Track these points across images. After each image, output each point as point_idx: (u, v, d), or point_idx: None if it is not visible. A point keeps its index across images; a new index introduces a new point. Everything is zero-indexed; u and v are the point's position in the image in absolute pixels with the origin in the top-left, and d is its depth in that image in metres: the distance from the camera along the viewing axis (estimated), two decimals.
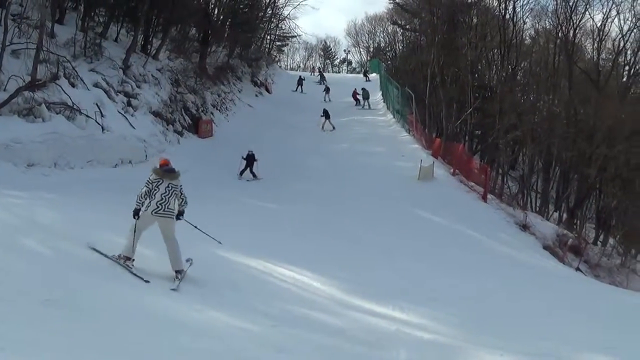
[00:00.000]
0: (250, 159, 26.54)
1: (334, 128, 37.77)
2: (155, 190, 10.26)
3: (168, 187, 10.33)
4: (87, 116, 21.95)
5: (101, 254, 10.48)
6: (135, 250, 10.30)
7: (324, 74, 63.36)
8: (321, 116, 38.38)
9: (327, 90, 49.63)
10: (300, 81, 53.14)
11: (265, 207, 20.43)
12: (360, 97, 47.32)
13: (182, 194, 10.64)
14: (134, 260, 10.31)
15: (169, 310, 8.84)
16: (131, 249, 10.27)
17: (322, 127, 37.84)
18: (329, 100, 47.37)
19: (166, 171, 10.49)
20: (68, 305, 8.10)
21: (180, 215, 10.67)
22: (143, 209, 10.24)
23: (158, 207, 10.19)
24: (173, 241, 10.36)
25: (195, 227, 11.67)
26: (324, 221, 19.81)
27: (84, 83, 23.59)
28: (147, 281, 9.82)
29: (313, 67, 77.72)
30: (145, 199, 10.24)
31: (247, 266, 11.99)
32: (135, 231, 10.20)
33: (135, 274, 9.93)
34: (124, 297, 8.92)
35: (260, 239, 15.08)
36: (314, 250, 15.44)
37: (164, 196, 10.26)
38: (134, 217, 10.22)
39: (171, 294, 9.63)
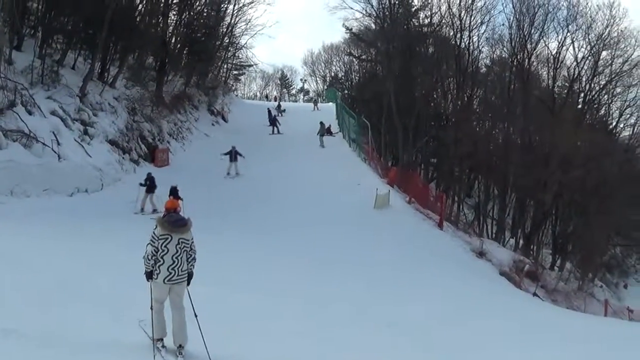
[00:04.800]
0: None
1: None
2: (164, 251, 8.17)
3: (179, 244, 8.26)
4: (43, 144, 21.86)
5: (147, 335, 8.64)
6: (166, 327, 8.49)
7: (281, 102, 62.97)
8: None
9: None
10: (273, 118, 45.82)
11: (218, 236, 20.12)
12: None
13: (192, 249, 8.50)
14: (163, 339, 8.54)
15: None
16: (160, 329, 8.46)
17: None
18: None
19: (175, 224, 8.33)
20: (25, 335, 8.16)
21: (188, 280, 8.54)
22: (154, 276, 8.26)
23: (170, 273, 8.19)
24: (182, 309, 8.40)
25: (196, 316, 8.32)
26: (277, 250, 19.79)
27: (41, 111, 23.47)
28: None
29: (275, 97, 77.45)
30: (153, 260, 8.23)
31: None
32: (156, 308, 8.38)
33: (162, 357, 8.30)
34: None
35: (210, 268, 15.00)
36: (267, 280, 15.45)
37: (176, 257, 8.23)
38: (148, 280, 8.32)
39: None
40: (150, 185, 24.07)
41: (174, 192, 22.68)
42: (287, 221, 24.38)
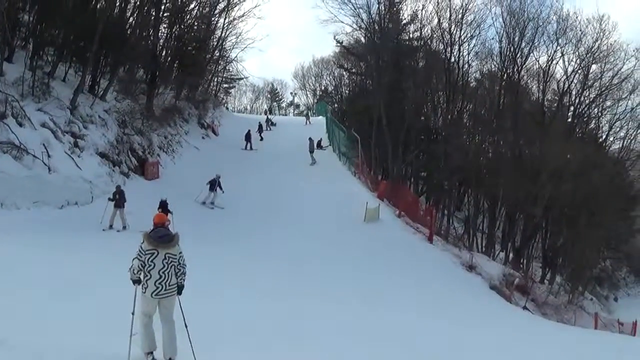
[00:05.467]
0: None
1: None
2: (150, 265, 8.12)
3: (165, 259, 8.20)
4: (34, 156, 21.77)
5: (140, 349, 8.39)
6: (154, 339, 8.41)
7: (270, 116, 62.77)
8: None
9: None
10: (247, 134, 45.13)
11: (209, 249, 20.00)
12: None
13: (180, 263, 8.43)
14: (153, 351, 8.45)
15: None
16: (149, 342, 8.39)
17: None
18: None
19: (161, 239, 8.27)
20: (15, 346, 8.12)
21: (179, 291, 8.46)
22: (141, 289, 8.26)
23: (158, 287, 8.13)
24: (172, 323, 8.35)
25: (186, 326, 8.34)
26: (267, 263, 19.80)
27: (32, 123, 23.36)
28: None
29: (266, 110, 77.49)
30: (140, 274, 8.21)
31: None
32: (144, 322, 8.34)
33: None
34: None
35: (201, 281, 14.85)
36: (257, 290, 15.45)
37: (163, 272, 8.16)
38: (134, 285, 8.28)
39: None
40: (119, 199, 22.82)
41: (163, 205, 22.59)
42: (277, 234, 24.44)
